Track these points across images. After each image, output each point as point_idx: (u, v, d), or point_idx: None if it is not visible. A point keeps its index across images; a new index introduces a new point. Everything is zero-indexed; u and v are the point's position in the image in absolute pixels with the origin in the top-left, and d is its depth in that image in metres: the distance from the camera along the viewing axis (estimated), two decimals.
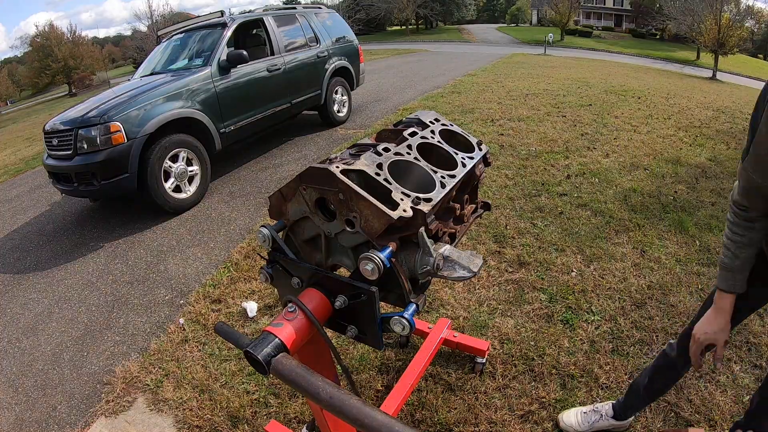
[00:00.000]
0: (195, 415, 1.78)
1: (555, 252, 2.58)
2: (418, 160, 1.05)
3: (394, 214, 0.83)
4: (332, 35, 5.78)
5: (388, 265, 0.84)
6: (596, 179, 3.57)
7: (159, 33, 5.83)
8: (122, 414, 1.87)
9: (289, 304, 0.91)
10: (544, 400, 1.66)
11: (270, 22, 4.98)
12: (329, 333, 1.07)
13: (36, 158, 7.25)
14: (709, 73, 19.89)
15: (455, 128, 1.28)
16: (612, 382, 1.72)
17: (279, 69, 4.81)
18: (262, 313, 2.35)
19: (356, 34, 6.61)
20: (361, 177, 0.92)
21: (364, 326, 0.94)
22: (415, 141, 1.12)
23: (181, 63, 4.71)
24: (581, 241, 2.66)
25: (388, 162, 0.99)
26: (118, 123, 3.36)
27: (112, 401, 1.93)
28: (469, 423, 1.60)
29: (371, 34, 42.46)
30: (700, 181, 3.51)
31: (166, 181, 3.66)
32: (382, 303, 0.93)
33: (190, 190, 3.89)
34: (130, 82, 4.73)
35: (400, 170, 1.01)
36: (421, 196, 0.92)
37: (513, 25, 50.79)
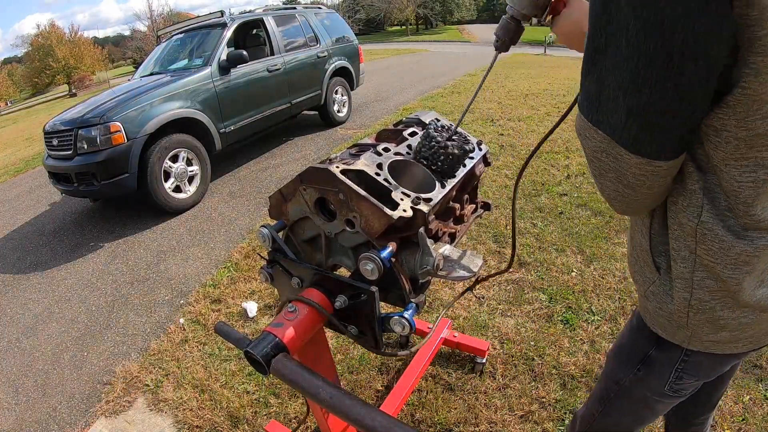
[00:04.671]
0: (195, 415, 1.78)
1: (555, 252, 2.58)
2: (418, 160, 1.05)
3: (394, 214, 0.83)
4: (332, 35, 5.78)
5: (388, 265, 0.84)
6: None
7: (159, 33, 5.84)
8: (122, 414, 1.87)
9: (289, 304, 0.91)
10: (544, 400, 1.66)
11: (270, 22, 4.98)
12: (328, 333, 1.08)
13: (36, 158, 7.25)
14: None
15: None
16: None
17: (279, 69, 4.81)
18: (262, 313, 2.35)
19: (356, 34, 6.62)
20: (361, 177, 0.92)
21: (364, 326, 0.94)
22: (415, 141, 1.12)
23: (181, 63, 4.72)
24: (581, 241, 2.66)
25: (388, 162, 0.99)
26: (118, 123, 3.36)
27: (112, 401, 1.93)
28: (469, 423, 1.60)
29: (371, 34, 42.50)
30: None
31: (166, 181, 3.67)
32: (382, 303, 0.93)
33: (190, 190, 3.89)
34: (130, 82, 4.74)
35: (400, 170, 1.01)
36: (421, 196, 0.92)
37: None
